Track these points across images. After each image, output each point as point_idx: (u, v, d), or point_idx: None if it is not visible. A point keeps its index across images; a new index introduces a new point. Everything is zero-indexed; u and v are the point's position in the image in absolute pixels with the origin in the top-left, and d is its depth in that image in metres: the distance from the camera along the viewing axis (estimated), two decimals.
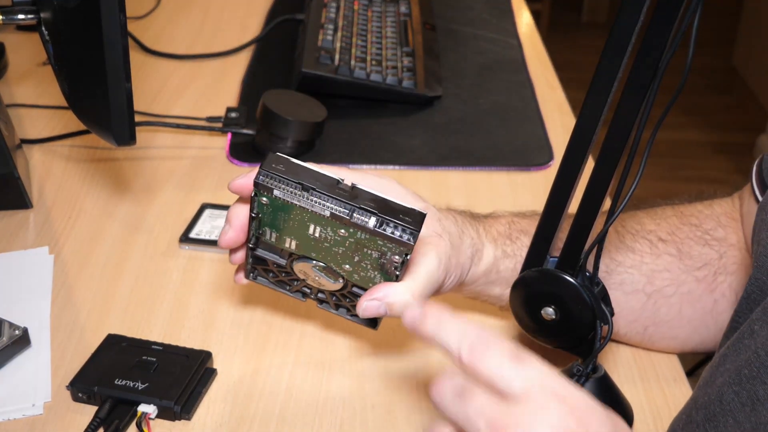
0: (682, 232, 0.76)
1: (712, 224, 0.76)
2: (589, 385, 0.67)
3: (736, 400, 0.56)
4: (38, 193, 1.02)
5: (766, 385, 0.54)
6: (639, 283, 0.74)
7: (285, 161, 0.59)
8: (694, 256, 0.75)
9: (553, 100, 1.25)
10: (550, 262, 0.67)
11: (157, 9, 1.52)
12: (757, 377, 0.54)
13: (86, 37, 0.77)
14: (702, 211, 0.78)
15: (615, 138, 0.60)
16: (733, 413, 0.56)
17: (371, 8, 1.38)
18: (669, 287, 0.74)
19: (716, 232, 0.76)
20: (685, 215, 0.78)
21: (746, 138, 3.14)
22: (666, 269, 0.74)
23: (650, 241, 0.75)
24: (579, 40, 3.91)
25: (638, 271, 0.74)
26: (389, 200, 0.58)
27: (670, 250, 0.75)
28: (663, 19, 0.56)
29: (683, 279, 0.74)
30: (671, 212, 0.79)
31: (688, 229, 0.76)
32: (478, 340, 0.48)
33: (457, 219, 0.72)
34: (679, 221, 0.77)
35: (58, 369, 0.77)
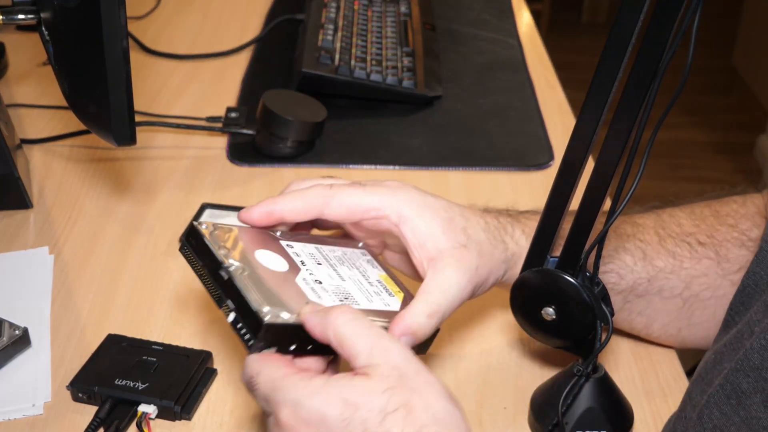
0: (720, 234, 0.76)
1: (748, 224, 0.76)
2: (589, 385, 0.68)
3: (721, 392, 0.56)
4: (38, 193, 1.02)
5: (749, 378, 0.54)
6: (677, 289, 0.74)
7: (206, 227, 0.61)
8: (731, 258, 0.75)
9: (553, 100, 1.25)
10: (551, 262, 0.67)
11: (157, 9, 1.52)
12: (740, 370, 0.55)
13: (86, 37, 0.77)
14: (738, 211, 0.78)
15: (615, 138, 0.60)
16: (719, 405, 0.56)
17: (371, 8, 1.38)
18: (706, 291, 0.74)
19: (752, 233, 0.76)
20: (721, 215, 0.78)
21: (746, 138, 3.14)
22: (704, 274, 0.74)
23: (690, 244, 0.75)
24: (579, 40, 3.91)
25: (677, 276, 0.74)
26: (247, 300, 0.57)
27: (709, 254, 0.75)
28: (663, 19, 0.56)
29: (719, 283, 0.74)
30: (708, 212, 0.78)
31: (725, 230, 0.76)
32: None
33: (489, 224, 0.69)
34: (716, 222, 0.77)
35: (58, 369, 0.77)
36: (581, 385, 0.67)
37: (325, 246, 0.68)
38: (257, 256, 0.61)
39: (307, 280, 0.62)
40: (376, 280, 0.67)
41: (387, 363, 0.53)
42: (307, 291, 0.61)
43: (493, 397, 0.75)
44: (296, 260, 0.64)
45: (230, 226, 0.64)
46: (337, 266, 0.66)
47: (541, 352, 0.79)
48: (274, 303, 0.57)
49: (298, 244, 0.66)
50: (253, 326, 0.56)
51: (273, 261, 0.62)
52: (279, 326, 0.56)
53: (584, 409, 0.67)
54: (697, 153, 3.11)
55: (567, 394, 0.67)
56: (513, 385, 0.76)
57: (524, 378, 0.77)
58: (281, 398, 0.53)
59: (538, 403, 0.71)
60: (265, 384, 0.54)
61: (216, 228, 0.62)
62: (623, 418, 0.70)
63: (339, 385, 0.52)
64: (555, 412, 0.66)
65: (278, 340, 0.57)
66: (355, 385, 0.52)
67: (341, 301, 0.62)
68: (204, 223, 0.62)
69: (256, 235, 0.64)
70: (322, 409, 0.51)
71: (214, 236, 0.61)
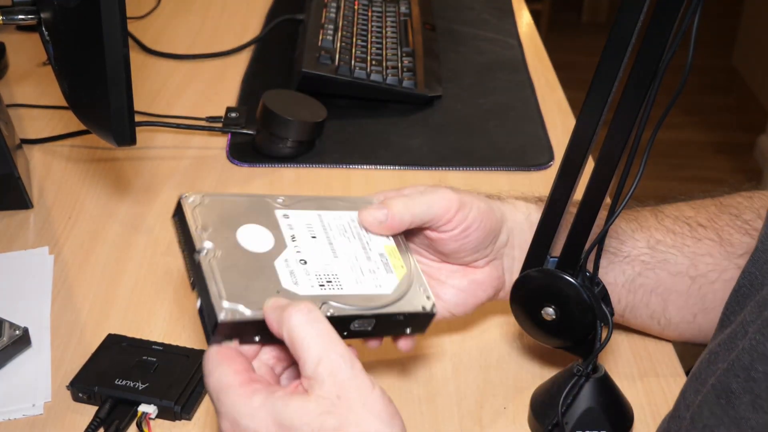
0: (721, 220, 0.76)
1: (752, 216, 0.77)
2: (589, 385, 0.68)
3: (712, 392, 0.56)
4: (38, 193, 1.02)
5: (739, 378, 0.54)
6: (682, 266, 0.74)
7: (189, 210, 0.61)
8: (735, 243, 0.75)
9: (553, 100, 1.25)
10: (551, 262, 0.67)
11: (157, 9, 1.52)
12: (731, 370, 0.55)
13: (86, 37, 0.77)
14: (741, 203, 0.78)
15: (615, 138, 0.60)
16: (710, 405, 0.56)
17: (371, 8, 1.38)
18: (712, 272, 0.74)
19: (756, 223, 0.76)
20: (724, 205, 0.78)
21: (746, 138, 3.14)
22: (708, 254, 0.75)
23: (690, 225, 0.76)
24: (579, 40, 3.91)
25: (680, 252, 0.74)
26: (208, 291, 0.56)
27: (711, 236, 0.75)
28: (663, 19, 0.56)
29: (725, 265, 0.74)
30: (710, 202, 0.79)
31: (728, 217, 0.77)
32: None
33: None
34: (718, 210, 0.78)
35: (58, 369, 0.77)
36: (581, 385, 0.67)
37: (330, 213, 0.66)
38: (240, 234, 0.60)
39: (288, 261, 0.60)
40: (378, 254, 0.65)
41: (330, 379, 0.53)
42: (283, 276, 0.59)
43: (493, 397, 0.75)
44: (286, 235, 0.62)
45: (224, 197, 0.62)
46: (335, 238, 0.64)
47: (541, 352, 0.79)
48: (236, 296, 0.56)
49: (297, 212, 0.64)
50: (211, 320, 0.56)
51: (256, 239, 0.61)
52: (236, 323, 0.56)
53: (584, 409, 0.67)
54: (697, 153, 3.11)
55: (567, 394, 0.67)
56: (513, 385, 0.76)
57: (524, 378, 0.77)
58: (223, 410, 0.54)
59: (538, 403, 0.71)
60: (213, 388, 0.55)
61: (203, 201, 0.61)
62: (623, 418, 0.70)
63: (275, 407, 0.53)
64: (555, 412, 0.66)
65: (238, 333, 0.57)
66: (291, 406, 0.53)
67: (321, 285, 0.60)
68: (192, 196, 0.61)
69: (249, 207, 0.63)
70: (257, 430, 0.53)
71: (196, 212, 0.60)
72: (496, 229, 0.71)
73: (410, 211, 0.66)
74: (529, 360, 0.79)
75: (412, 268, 0.66)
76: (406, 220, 0.66)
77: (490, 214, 0.70)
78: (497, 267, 0.73)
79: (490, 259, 0.73)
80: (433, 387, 0.76)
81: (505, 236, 0.72)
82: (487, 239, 0.71)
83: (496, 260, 0.73)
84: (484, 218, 0.69)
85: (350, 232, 0.66)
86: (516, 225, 0.73)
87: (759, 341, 0.53)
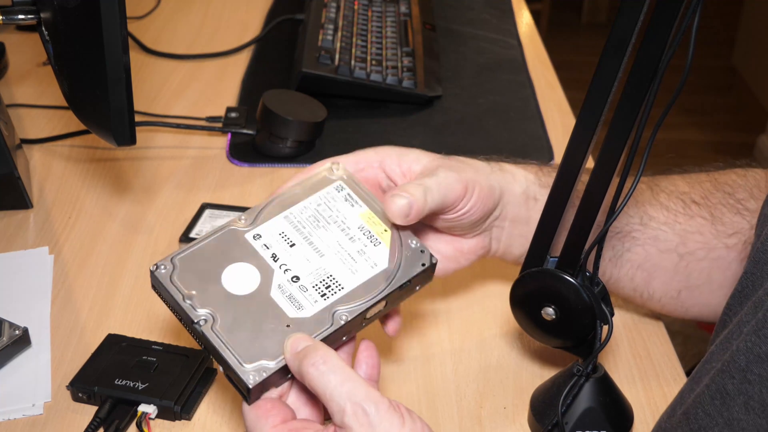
0: (715, 198, 0.77)
1: (744, 194, 0.77)
2: (588, 385, 0.68)
3: (706, 392, 0.56)
4: (38, 193, 1.02)
5: (734, 379, 0.54)
6: (672, 243, 0.75)
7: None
8: (726, 222, 0.75)
9: (553, 100, 1.25)
10: (550, 262, 0.67)
11: (157, 9, 1.52)
12: (726, 371, 0.54)
13: (86, 37, 0.77)
14: (736, 181, 0.78)
15: (615, 138, 0.60)
16: (703, 405, 0.56)
17: (371, 8, 1.38)
18: (700, 251, 0.75)
19: (749, 203, 0.76)
20: (719, 182, 0.78)
21: (746, 138, 3.14)
22: (698, 231, 0.75)
23: (684, 201, 0.76)
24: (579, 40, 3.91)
25: (671, 229, 0.75)
26: (227, 362, 0.57)
27: (704, 213, 0.76)
28: (663, 19, 0.56)
29: (714, 244, 0.75)
30: (705, 177, 0.79)
31: (721, 195, 0.77)
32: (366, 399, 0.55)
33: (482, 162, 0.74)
34: (712, 186, 0.78)
35: (58, 369, 0.77)
36: (581, 385, 0.67)
37: (295, 207, 0.65)
38: (225, 282, 0.60)
39: (282, 287, 0.61)
40: (358, 228, 0.65)
41: (359, 428, 0.54)
42: (285, 306, 0.60)
43: (493, 397, 0.75)
44: (266, 258, 0.62)
45: (191, 249, 0.62)
46: (313, 234, 0.64)
47: (541, 352, 0.79)
48: (254, 355, 0.57)
49: (265, 226, 0.64)
50: (243, 386, 0.57)
51: (242, 278, 0.61)
52: (266, 380, 0.57)
53: (584, 409, 0.67)
54: (697, 153, 3.11)
55: (567, 394, 0.67)
56: (513, 385, 0.76)
57: (524, 378, 0.77)
58: None
59: (537, 403, 0.71)
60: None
61: (176, 265, 0.60)
62: (623, 418, 0.70)
63: None
64: (555, 411, 0.66)
65: (271, 384, 0.58)
66: None
67: (323, 296, 0.60)
68: (162, 265, 0.60)
69: (219, 247, 0.62)
70: None
71: (174, 282, 0.60)
72: (492, 208, 0.71)
73: (431, 197, 0.65)
74: (529, 360, 0.79)
75: (392, 229, 0.65)
76: (426, 209, 0.65)
77: (490, 194, 0.70)
78: (485, 237, 0.74)
79: (480, 231, 0.73)
80: (433, 387, 0.76)
81: (498, 211, 0.72)
82: (483, 218, 0.71)
83: (486, 231, 0.73)
84: (485, 200, 0.69)
85: (322, 219, 0.65)
86: (512, 198, 0.73)
87: (755, 343, 0.53)
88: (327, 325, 0.59)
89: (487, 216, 0.71)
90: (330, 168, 0.68)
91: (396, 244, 0.64)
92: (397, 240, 0.65)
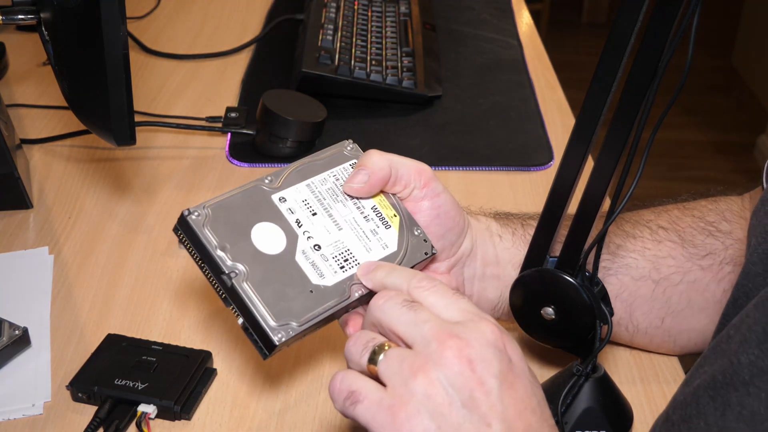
0: (684, 222, 0.76)
1: (715, 218, 0.76)
2: (588, 385, 0.68)
3: (711, 404, 0.55)
4: (38, 193, 1.02)
5: (738, 392, 0.53)
6: (645, 269, 0.74)
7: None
8: (698, 244, 0.75)
9: (553, 100, 1.25)
10: (550, 262, 0.67)
11: (157, 9, 1.52)
12: (731, 384, 0.54)
13: (86, 37, 0.77)
14: (705, 206, 0.78)
15: (615, 138, 0.60)
16: (705, 416, 0.55)
17: (371, 8, 1.38)
18: (675, 275, 0.74)
19: (721, 225, 0.76)
20: (687, 208, 0.78)
21: (746, 138, 3.14)
22: (670, 255, 0.74)
23: (650, 228, 0.75)
24: (579, 40, 3.91)
25: (642, 256, 0.74)
26: (254, 316, 0.58)
27: (672, 237, 0.75)
28: (663, 19, 0.56)
29: (688, 267, 0.74)
30: (672, 206, 0.79)
31: (690, 219, 0.76)
32: (424, 279, 0.57)
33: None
34: (680, 212, 0.77)
35: (58, 369, 0.77)
36: (581, 385, 0.67)
37: (316, 178, 0.66)
38: (255, 239, 0.60)
39: (306, 253, 0.61)
40: (371, 209, 0.66)
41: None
42: (309, 272, 0.61)
43: None
44: (292, 222, 0.62)
45: (221, 201, 0.62)
46: (332, 207, 0.65)
47: (541, 352, 0.79)
48: (282, 314, 0.58)
49: (289, 191, 0.64)
50: (265, 343, 0.58)
51: (270, 238, 0.61)
52: (288, 340, 0.58)
53: (584, 409, 0.67)
54: (697, 153, 3.11)
55: (566, 394, 0.67)
56: None
57: None
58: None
59: None
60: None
61: (208, 214, 0.60)
62: (623, 418, 0.70)
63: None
64: (554, 411, 0.66)
65: (289, 344, 0.59)
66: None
67: (341, 268, 0.62)
68: (195, 212, 0.60)
69: (248, 203, 0.62)
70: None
71: (207, 230, 0.60)
72: (461, 226, 0.70)
73: (386, 157, 0.66)
74: (529, 360, 0.79)
75: (402, 211, 0.67)
76: (385, 167, 0.65)
77: (457, 208, 0.70)
78: (457, 276, 0.72)
79: (452, 264, 0.71)
80: None
81: (469, 244, 0.71)
82: (452, 231, 0.69)
83: (457, 268, 0.72)
84: (452, 207, 0.69)
85: (340, 194, 0.66)
86: (479, 235, 0.73)
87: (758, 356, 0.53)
88: (346, 296, 0.61)
89: (457, 234, 0.70)
90: (344, 145, 0.69)
91: (403, 229, 0.66)
92: (404, 226, 0.66)
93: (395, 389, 0.52)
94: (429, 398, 0.51)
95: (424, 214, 0.68)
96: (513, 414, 0.52)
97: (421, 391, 0.51)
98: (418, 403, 0.51)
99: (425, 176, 0.67)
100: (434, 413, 0.51)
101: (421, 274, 0.58)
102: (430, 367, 0.52)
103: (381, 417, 0.52)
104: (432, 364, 0.52)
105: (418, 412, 0.51)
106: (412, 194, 0.67)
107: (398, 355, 0.53)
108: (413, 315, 0.54)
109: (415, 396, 0.51)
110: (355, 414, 0.53)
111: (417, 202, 0.68)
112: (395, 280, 0.59)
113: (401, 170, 0.66)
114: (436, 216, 0.68)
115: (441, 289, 0.56)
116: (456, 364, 0.51)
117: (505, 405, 0.52)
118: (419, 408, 0.51)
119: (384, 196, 0.67)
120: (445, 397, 0.51)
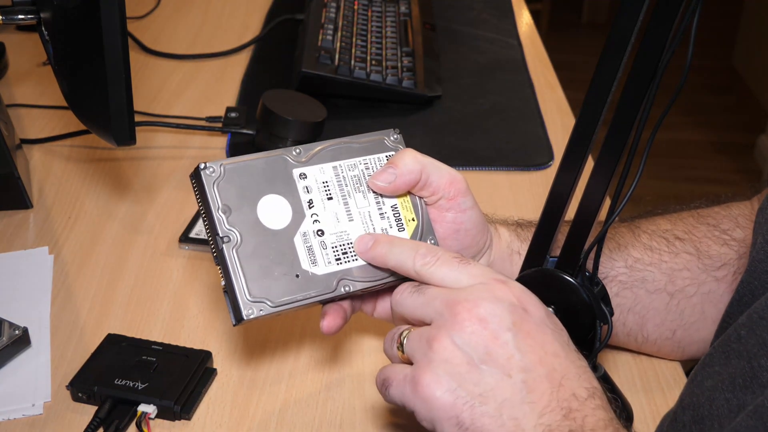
0: (699, 231, 0.76)
1: (730, 225, 0.76)
2: None
3: (726, 406, 0.56)
4: (38, 193, 1.02)
5: (755, 395, 0.53)
6: (660, 282, 0.74)
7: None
8: (713, 255, 0.74)
9: (553, 100, 1.25)
10: (550, 262, 0.67)
11: (157, 9, 1.52)
12: (749, 387, 0.54)
13: (86, 37, 0.77)
14: (719, 213, 0.78)
15: (615, 138, 0.60)
16: (720, 419, 0.56)
17: (371, 8, 1.38)
18: (690, 287, 0.74)
19: (735, 233, 0.75)
20: (701, 216, 0.77)
21: (746, 138, 3.14)
22: (686, 268, 0.74)
23: (667, 239, 0.75)
24: (579, 40, 3.91)
25: (658, 269, 0.74)
26: (233, 285, 0.58)
27: (689, 249, 0.75)
28: (662, 19, 0.56)
29: (703, 279, 0.74)
30: (687, 214, 0.78)
31: (706, 228, 0.76)
32: (428, 251, 0.59)
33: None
34: (695, 221, 0.77)
35: (58, 369, 0.77)
36: None
37: (345, 162, 0.65)
38: (260, 210, 0.60)
39: (306, 236, 0.61)
40: (391, 206, 0.65)
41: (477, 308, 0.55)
42: (302, 255, 0.60)
43: None
44: (303, 202, 0.62)
45: (241, 162, 0.61)
46: (351, 195, 0.64)
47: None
48: (259, 292, 0.58)
49: (313, 169, 0.63)
50: (236, 314, 0.58)
51: (276, 212, 0.61)
52: (259, 318, 0.58)
53: None
54: (697, 153, 3.11)
55: None
56: None
57: None
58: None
59: None
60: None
61: (222, 173, 0.60)
62: (623, 418, 0.69)
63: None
64: None
65: (260, 321, 0.59)
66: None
67: (337, 259, 0.61)
68: (211, 166, 0.60)
69: (267, 171, 0.62)
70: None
71: (216, 188, 0.59)
72: (479, 246, 0.70)
73: (420, 160, 0.65)
74: None
75: (423, 217, 0.66)
76: (415, 171, 0.64)
77: (480, 227, 0.69)
78: None
79: None
80: None
81: (485, 263, 0.71)
82: (469, 249, 0.69)
83: None
84: (475, 226, 0.68)
85: (364, 184, 0.65)
86: (498, 254, 0.72)
87: None
88: (330, 289, 0.61)
89: (476, 251, 0.70)
90: (389, 134, 0.68)
91: (417, 236, 0.65)
92: (419, 233, 0.65)
93: (418, 363, 0.55)
94: (447, 362, 0.54)
95: (445, 225, 0.67)
96: (533, 360, 0.54)
97: (439, 357, 0.54)
98: (437, 367, 0.54)
99: (456, 188, 0.66)
100: (454, 374, 0.53)
101: (423, 248, 0.59)
102: (444, 333, 0.54)
103: (408, 391, 0.55)
104: (445, 330, 0.54)
105: (438, 377, 0.54)
106: (439, 202, 0.67)
107: (417, 333, 0.56)
108: (424, 297, 0.57)
109: (434, 362, 0.54)
110: (391, 397, 0.57)
111: (442, 211, 0.67)
112: (398, 257, 0.60)
113: (433, 176, 0.65)
114: (456, 231, 0.67)
115: (446, 259, 0.58)
116: (468, 325, 0.54)
117: (523, 353, 0.54)
118: (439, 372, 0.54)
119: (409, 197, 0.66)
120: (462, 357, 0.53)
